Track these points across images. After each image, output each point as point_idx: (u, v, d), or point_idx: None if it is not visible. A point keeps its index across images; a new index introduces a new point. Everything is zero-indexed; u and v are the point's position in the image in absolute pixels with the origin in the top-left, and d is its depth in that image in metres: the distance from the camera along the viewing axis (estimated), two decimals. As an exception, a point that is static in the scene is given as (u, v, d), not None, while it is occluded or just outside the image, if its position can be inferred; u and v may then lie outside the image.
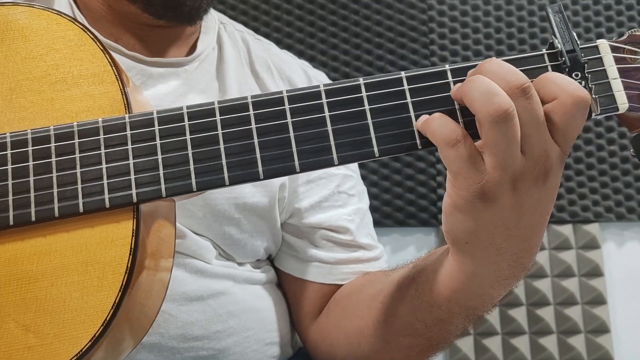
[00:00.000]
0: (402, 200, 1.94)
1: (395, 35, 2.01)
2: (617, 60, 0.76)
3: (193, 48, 1.17)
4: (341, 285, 1.17)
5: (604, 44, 0.77)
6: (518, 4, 2.05)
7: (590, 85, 0.75)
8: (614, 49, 0.77)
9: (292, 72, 1.25)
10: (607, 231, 1.99)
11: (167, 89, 1.09)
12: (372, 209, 1.88)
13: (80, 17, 1.08)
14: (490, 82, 0.70)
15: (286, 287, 1.23)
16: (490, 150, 0.70)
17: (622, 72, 0.76)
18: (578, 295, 1.92)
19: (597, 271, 1.94)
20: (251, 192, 1.10)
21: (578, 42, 0.75)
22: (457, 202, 0.74)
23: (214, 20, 1.22)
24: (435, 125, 0.72)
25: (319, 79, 1.32)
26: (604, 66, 0.76)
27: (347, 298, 1.14)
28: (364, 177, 1.78)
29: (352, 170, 1.27)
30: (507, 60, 0.76)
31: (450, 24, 2.04)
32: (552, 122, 0.71)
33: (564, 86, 0.71)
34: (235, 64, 1.19)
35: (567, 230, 1.96)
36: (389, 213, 1.93)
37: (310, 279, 1.18)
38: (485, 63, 0.73)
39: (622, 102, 0.75)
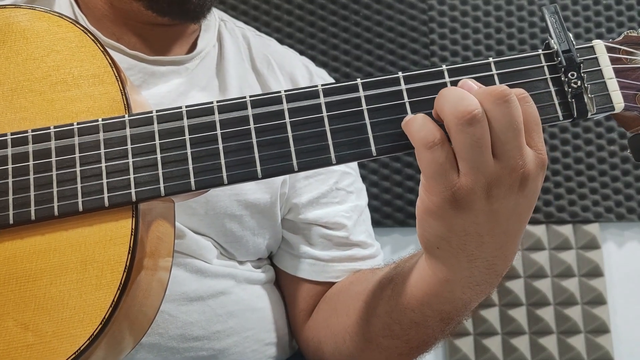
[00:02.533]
0: (402, 200, 1.94)
1: (395, 35, 2.01)
2: (613, 61, 0.77)
3: (194, 46, 1.17)
4: (335, 283, 1.17)
5: (599, 45, 0.78)
6: (518, 4, 2.05)
7: (586, 85, 0.75)
8: (609, 50, 0.78)
9: (293, 68, 1.25)
10: (607, 231, 1.99)
11: (168, 87, 1.09)
12: (373, 209, 1.88)
13: (81, 17, 1.08)
14: (461, 90, 0.71)
15: (282, 284, 1.23)
16: (461, 155, 0.70)
17: (618, 72, 0.77)
18: (578, 295, 1.93)
19: (597, 271, 1.94)
20: (253, 189, 1.10)
21: (574, 42, 0.76)
22: (429, 207, 0.75)
23: (214, 18, 1.22)
24: (415, 126, 0.72)
25: (321, 75, 1.32)
26: (599, 66, 0.77)
27: (336, 295, 1.14)
28: (364, 177, 1.78)
29: (351, 167, 1.26)
30: (503, 61, 0.77)
31: (451, 24, 2.04)
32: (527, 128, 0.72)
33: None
34: (236, 61, 1.19)
35: (567, 230, 1.96)
36: (389, 213, 1.94)
37: (304, 276, 1.18)
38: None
39: (618, 101, 0.76)
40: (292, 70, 1.24)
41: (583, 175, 1.97)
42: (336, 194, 1.21)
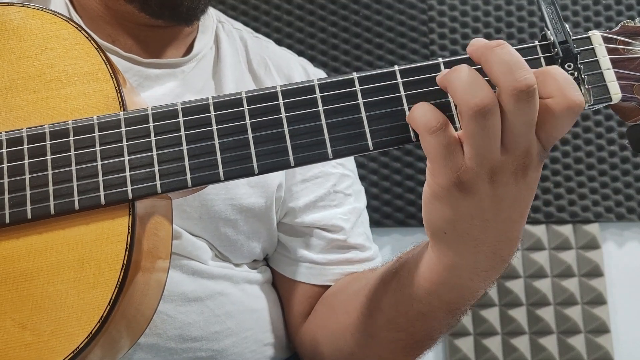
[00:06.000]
0: (402, 200, 1.94)
1: (395, 35, 2.02)
2: (610, 51, 0.76)
3: (190, 48, 1.16)
4: (331, 286, 1.17)
5: (596, 35, 0.77)
6: (518, 4, 2.05)
7: (583, 76, 0.74)
8: (606, 40, 0.77)
9: (290, 70, 1.25)
10: (607, 231, 1.99)
11: (163, 90, 1.08)
12: (373, 209, 1.88)
13: (76, 18, 1.08)
14: (475, 74, 0.69)
15: (279, 287, 1.23)
16: (469, 141, 0.70)
17: (615, 63, 0.76)
18: (578, 295, 1.92)
19: (597, 271, 1.94)
20: (247, 193, 1.10)
21: (570, 33, 0.75)
22: (436, 190, 0.75)
23: (211, 19, 1.21)
24: (417, 112, 0.72)
25: (318, 76, 1.31)
26: (596, 57, 0.76)
27: (333, 296, 1.14)
28: (364, 178, 1.78)
29: (349, 169, 1.26)
30: None
31: (451, 24, 2.04)
32: (542, 120, 0.71)
33: (564, 88, 0.70)
34: (233, 63, 1.19)
35: (567, 230, 1.96)
36: (389, 213, 1.93)
37: (301, 279, 1.18)
38: (496, 48, 0.70)
39: (615, 92, 0.75)
40: (290, 72, 1.24)
41: (583, 175, 1.97)
42: (334, 197, 1.20)
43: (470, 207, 0.74)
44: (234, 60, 1.20)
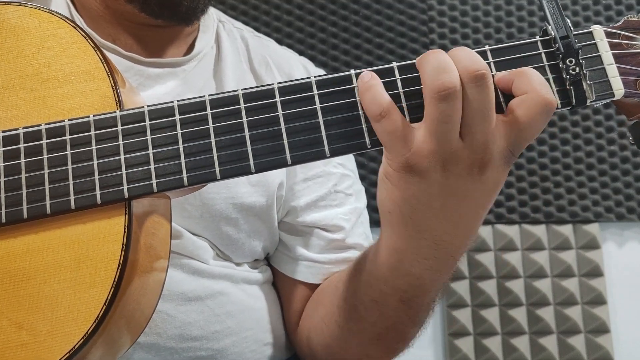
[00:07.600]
0: (402, 201, 1.93)
1: (395, 35, 2.01)
2: (613, 46, 0.76)
3: (191, 47, 1.16)
4: None
5: (598, 30, 0.77)
6: (518, 4, 2.05)
7: (584, 72, 0.74)
8: (609, 35, 0.77)
9: (291, 69, 1.25)
10: (607, 231, 1.99)
11: (164, 89, 1.08)
12: (373, 209, 1.87)
13: (77, 17, 1.07)
14: (445, 59, 0.71)
15: (279, 286, 1.23)
16: (426, 124, 0.71)
17: (618, 58, 0.76)
18: (578, 295, 1.92)
19: (597, 271, 1.93)
20: (248, 192, 1.10)
21: (572, 28, 0.75)
22: (387, 170, 0.76)
23: (212, 19, 1.21)
24: (367, 99, 0.74)
25: None
26: (598, 52, 0.76)
27: (321, 290, 1.15)
28: (363, 178, 1.78)
29: (350, 169, 1.26)
30: (500, 48, 0.77)
31: (450, 24, 2.04)
32: (514, 116, 0.72)
33: (537, 85, 0.71)
34: (234, 63, 1.18)
35: (567, 230, 1.96)
36: (388, 213, 1.93)
37: (300, 278, 1.18)
38: (455, 49, 0.73)
39: (618, 87, 0.75)
40: (290, 71, 1.24)
41: (583, 175, 1.97)
42: (335, 197, 1.20)
43: (418, 191, 0.75)
44: (235, 59, 1.19)
